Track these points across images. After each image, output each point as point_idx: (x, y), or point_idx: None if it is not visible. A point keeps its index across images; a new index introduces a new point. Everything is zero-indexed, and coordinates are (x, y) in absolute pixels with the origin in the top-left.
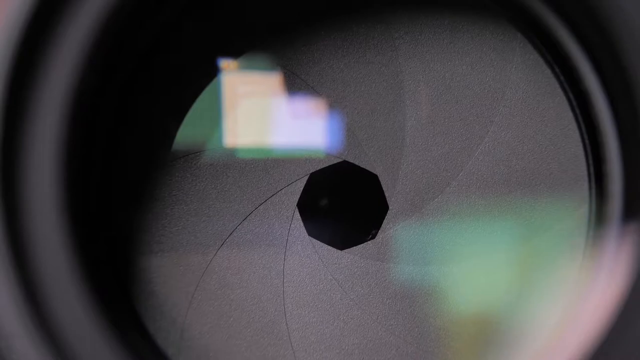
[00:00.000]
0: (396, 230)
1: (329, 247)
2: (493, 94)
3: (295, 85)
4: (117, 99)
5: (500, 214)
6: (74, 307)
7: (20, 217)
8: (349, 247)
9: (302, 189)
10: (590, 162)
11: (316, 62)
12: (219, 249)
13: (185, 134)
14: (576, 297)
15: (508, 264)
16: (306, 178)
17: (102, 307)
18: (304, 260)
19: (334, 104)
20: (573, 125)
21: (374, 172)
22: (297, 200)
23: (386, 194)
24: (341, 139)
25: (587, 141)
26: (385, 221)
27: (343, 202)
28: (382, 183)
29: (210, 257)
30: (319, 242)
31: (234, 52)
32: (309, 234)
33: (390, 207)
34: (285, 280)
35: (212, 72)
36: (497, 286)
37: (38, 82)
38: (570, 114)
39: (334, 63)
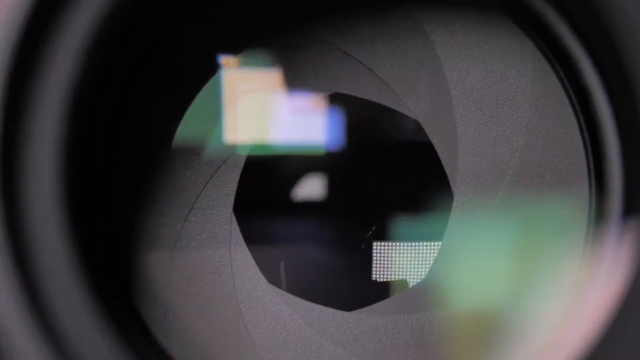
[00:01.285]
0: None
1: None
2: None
3: (321, 49)
4: (117, 98)
5: (500, 211)
6: (73, 304)
7: (20, 215)
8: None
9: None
10: (590, 159)
11: (340, 27)
12: (176, 242)
13: (185, 131)
14: (576, 294)
15: (508, 261)
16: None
17: (102, 304)
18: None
19: (365, 62)
20: (573, 121)
21: (416, 119)
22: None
23: (447, 169)
24: (377, 93)
25: (587, 138)
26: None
27: (338, 196)
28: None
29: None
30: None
31: (234, 49)
32: (270, 281)
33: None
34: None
35: (212, 70)
36: (496, 284)
37: (37, 81)
38: (570, 110)
39: (359, 24)
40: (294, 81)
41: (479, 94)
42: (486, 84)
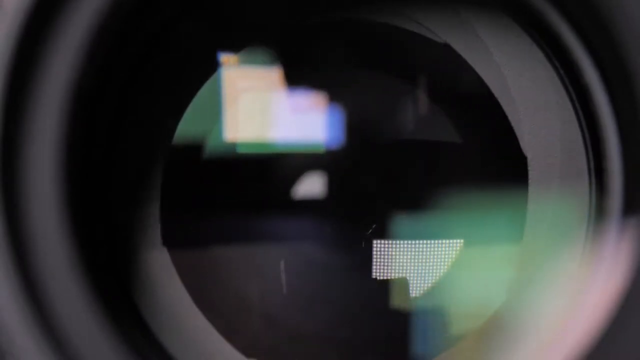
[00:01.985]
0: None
1: None
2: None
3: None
4: (117, 97)
5: (501, 208)
6: (74, 302)
7: (20, 214)
8: None
9: None
10: (591, 157)
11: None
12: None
13: (185, 129)
14: (576, 292)
15: (508, 259)
16: None
17: (102, 302)
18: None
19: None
20: (573, 120)
21: (443, 41)
22: None
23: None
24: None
25: (587, 136)
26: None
27: (338, 194)
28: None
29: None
30: None
31: (234, 47)
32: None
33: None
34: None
35: (213, 68)
36: (497, 282)
37: (38, 81)
38: (571, 109)
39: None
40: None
41: (532, 71)
42: (534, 60)
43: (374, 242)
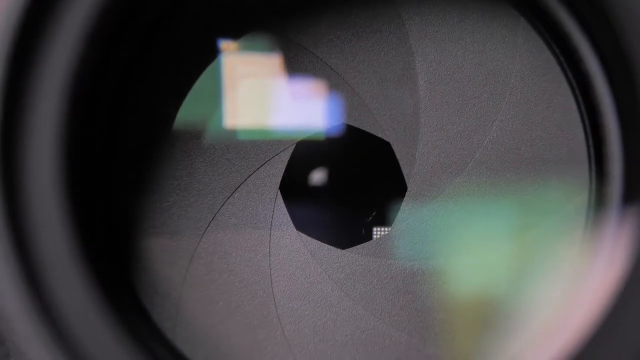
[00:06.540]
0: (402, 216)
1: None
2: (505, 70)
3: (303, 58)
4: (117, 81)
5: (499, 197)
6: (73, 289)
7: (20, 200)
8: (346, 246)
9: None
10: (591, 144)
11: (323, 34)
12: (210, 221)
13: (186, 115)
14: (575, 280)
15: (508, 247)
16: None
17: (102, 290)
18: (291, 253)
19: (344, 75)
20: (573, 108)
21: (387, 140)
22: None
23: (403, 173)
24: (352, 109)
25: (587, 123)
26: (402, 204)
27: (340, 182)
28: (397, 154)
29: (202, 231)
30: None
31: (234, 33)
32: (297, 227)
33: (408, 188)
34: (272, 265)
35: (213, 55)
36: (496, 270)
37: (38, 65)
38: (570, 95)
39: (340, 34)
40: None
41: (447, 87)
42: (454, 78)
43: (374, 229)
